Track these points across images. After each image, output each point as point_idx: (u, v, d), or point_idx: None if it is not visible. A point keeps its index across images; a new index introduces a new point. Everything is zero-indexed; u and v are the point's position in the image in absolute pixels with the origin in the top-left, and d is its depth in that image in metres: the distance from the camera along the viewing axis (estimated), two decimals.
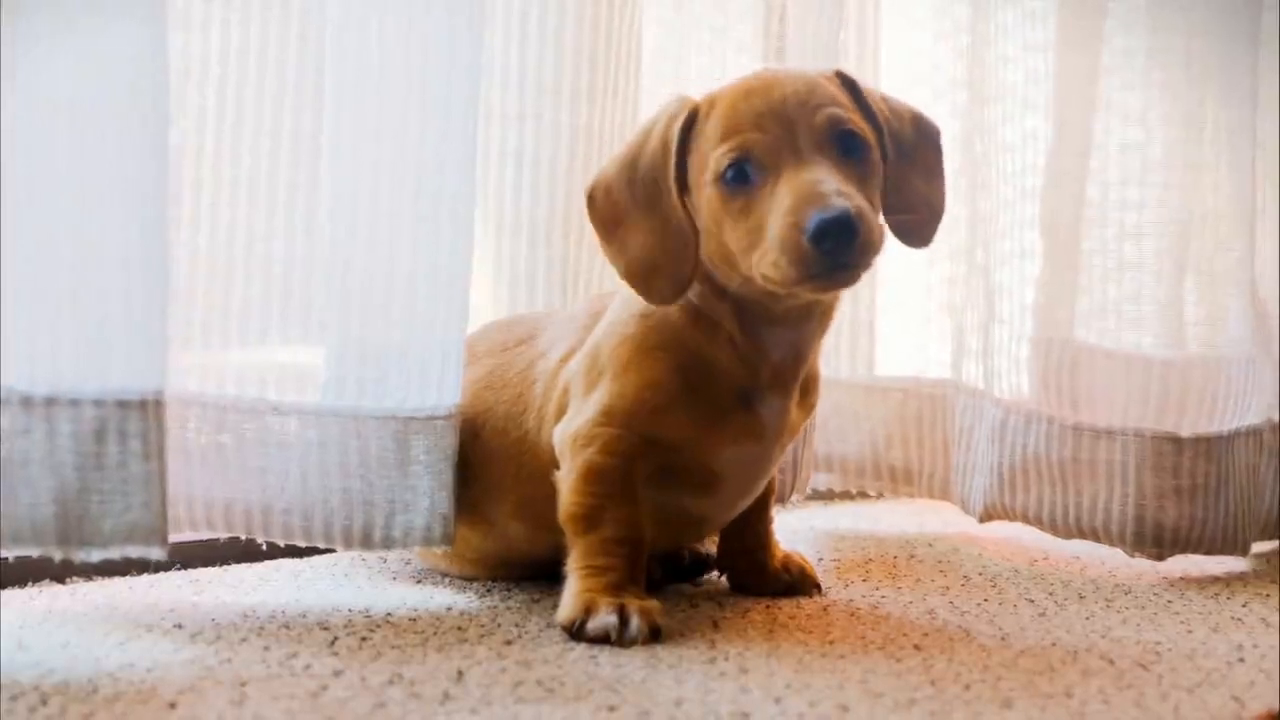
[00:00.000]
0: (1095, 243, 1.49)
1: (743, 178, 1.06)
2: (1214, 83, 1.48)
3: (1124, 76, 1.48)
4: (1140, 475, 1.42)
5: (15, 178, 0.99)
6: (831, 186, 1.02)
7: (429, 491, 1.18)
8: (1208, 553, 1.43)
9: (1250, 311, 1.50)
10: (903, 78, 1.64)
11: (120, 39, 1.01)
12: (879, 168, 1.11)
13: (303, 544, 1.19)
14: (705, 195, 1.09)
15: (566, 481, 1.13)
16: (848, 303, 1.62)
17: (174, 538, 1.27)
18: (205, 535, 1.24)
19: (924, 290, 1.66)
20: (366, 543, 1.18)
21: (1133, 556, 1.44)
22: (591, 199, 1.14)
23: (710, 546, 1.33)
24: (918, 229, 1.16)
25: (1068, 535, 1.46)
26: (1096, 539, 1.45)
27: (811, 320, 1.14)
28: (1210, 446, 1.43)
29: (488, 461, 1.20)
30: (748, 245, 1.06)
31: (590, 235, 1.40)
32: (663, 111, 1.13)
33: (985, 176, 1.53)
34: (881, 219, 1.11)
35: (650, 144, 1.12)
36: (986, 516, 1.51)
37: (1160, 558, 1.43)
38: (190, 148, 1.18)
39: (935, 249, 1.60)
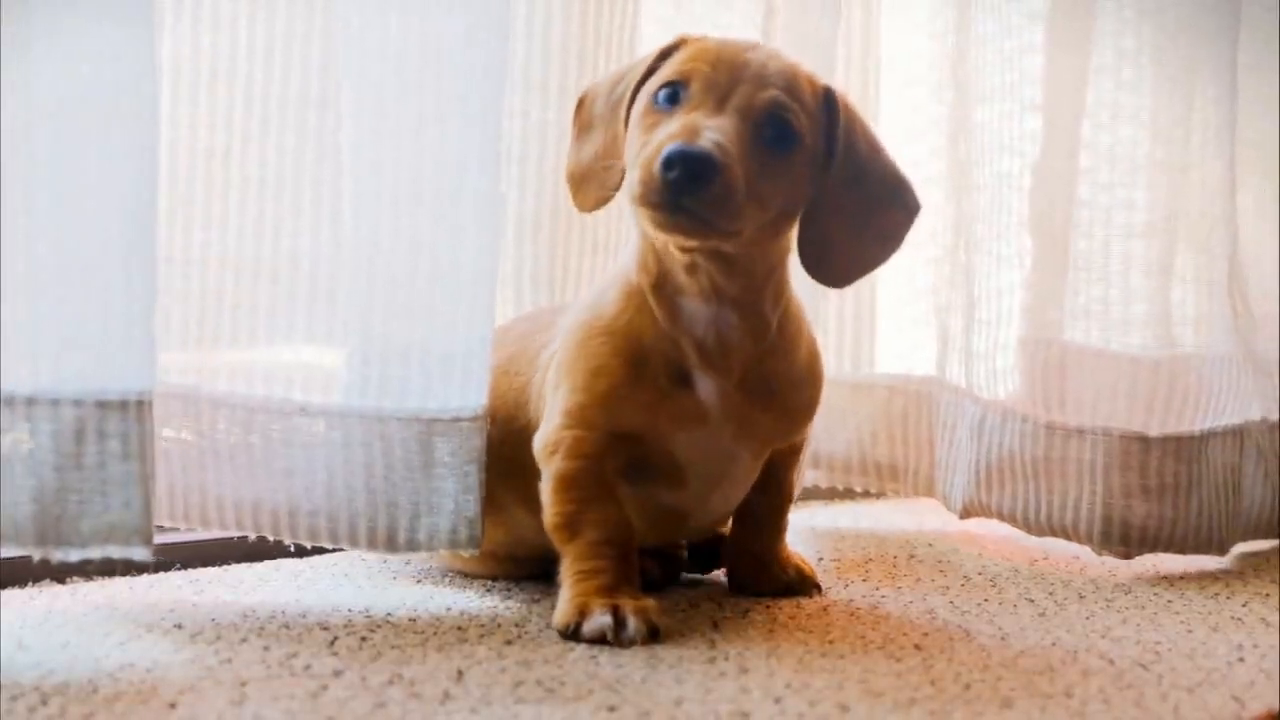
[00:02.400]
0: (1079, 242, 1.49)
1: (672, 100, 1.09)
2: (1198, 83, 1.48)
3: (1113, 77, 1.48)
4: (1108, 474, 1.42)
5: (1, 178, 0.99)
6: (712, 134, 1.03)
7: (453, 494, 1.17)
8: (1180, 552, 1.43)
9: (1229, 312, 1.51)
10: (902, 77, 1.64)
11: (107, 39, 1.00)
12: (798, 174, 1.10)
13: (329, 545, 1.19)
14: (638, 109, 1.11)
15: (545, 492, 1.14)
16: (835, 299, 1.62)
17: (178, 537, 1.29)
18: (224, 534, 1.24)
19: (913, 289, 1.66)
20: (391, 545, 1.18)
21: (1100, 555, 1.44)
22: (580, 103, 1.19)
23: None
24: (834, 269, 1.16)
25: (1040, 533, 1.46)
26: (1067, 537, 1.45)
27: (725, 307, 1.12)
28: (1180, 446, 1.43)
29: (500, 446, 1.20)
30: (634, 161, 1.07)
31: (579, 232, 1.41)
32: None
33: (973, 178, 1.53)
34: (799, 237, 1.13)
35: (636, 65, 1.16)
36: (966, 514, 1.51)
37: (1128, 556, 1.43)
38: (219, 148, 1.18)
39: (924, 251, 1.62)
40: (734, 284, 1.12)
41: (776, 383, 1.16)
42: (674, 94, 1.08)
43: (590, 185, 1.16)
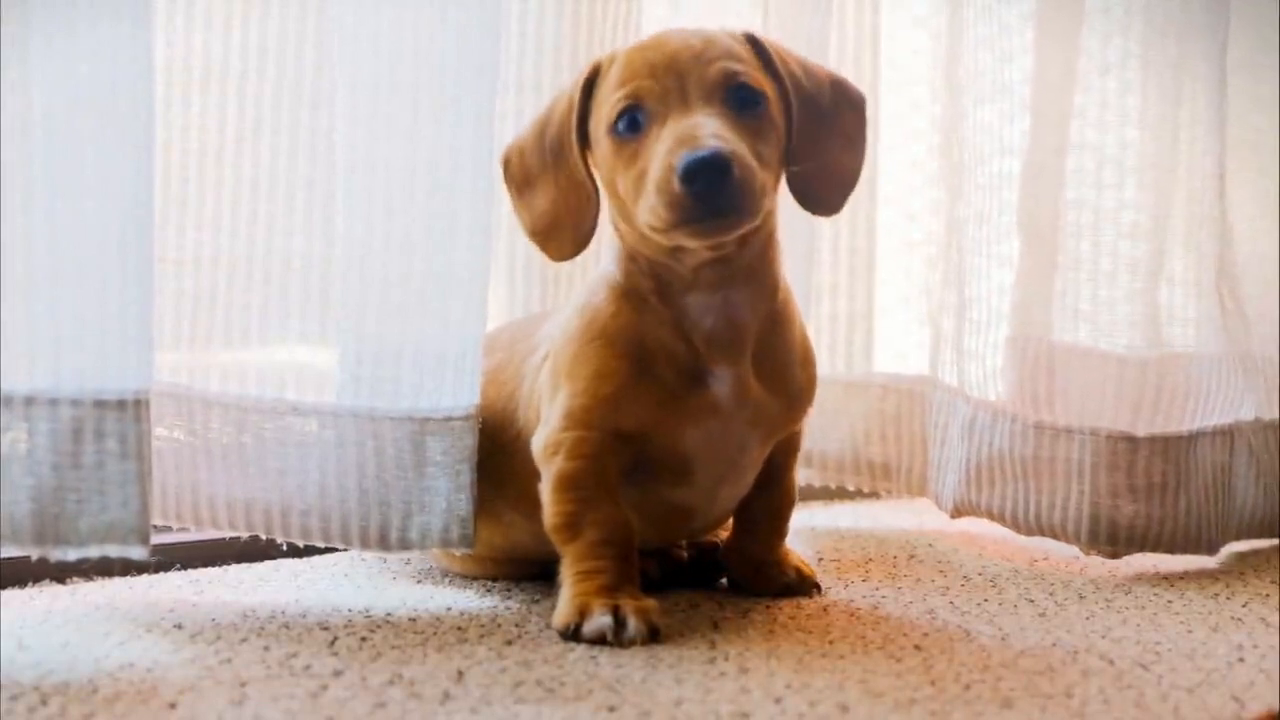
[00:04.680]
0: (1067, 242, 1.49)
1: (634, 126, 1.08)
2: (1187, 82, 1.48)
3: (1102, 77, 1.48)
4: (1095, 474, 1.42)
5: None
6: (708, 130, 1.04)
7: (446, 493, 1.18)
8: (1168, 551, 1.43)
9: (1218, 311, 1.51)
10: (904, 76, 1.64)
11: (104, 39, 1.01)
12: (776, 124, 1.11)
13: (321, 544, 1.20)
14: (601, 147, 1.10)
15: (544, 492, 1.14)
16: (828, 299, 1.62)
17: (178, 538, 1.29)
18: (221, 534, 1.24)
19: (912, 289, 1.66)
20: (384, 544, 1.18)
21: (1088, 555, 1.44)
22: (506, 162, 1.17)
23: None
24: (825, 194, 1.16)
25: (1029, 532, 1.46)
26: (1055, 536, 1.45)
27: (734, 285, 1.13)
28: (1167, 446, 1.43)
29: (493, 455, 1.21)
30: (635, 194, 1.07)
31: None
32: (575, 75, 1.16)
33: (969, 179, 1.52)
34: (784, 179, 1.14)
35: (559, 105, 1.15)
36: (957, 513, 1.51)
37: (1115, 556, 1.43)
38: (212, 147, 1.18)
39: (922, 250, 1.62)
40: (746, 255, 1.13)
41: (780, 360, 1.17)
42: (633, 120, 1.08)
43: (561, 235, 1.15)
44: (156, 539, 1.07)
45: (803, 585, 1.26)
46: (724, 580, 1.29)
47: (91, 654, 1.00)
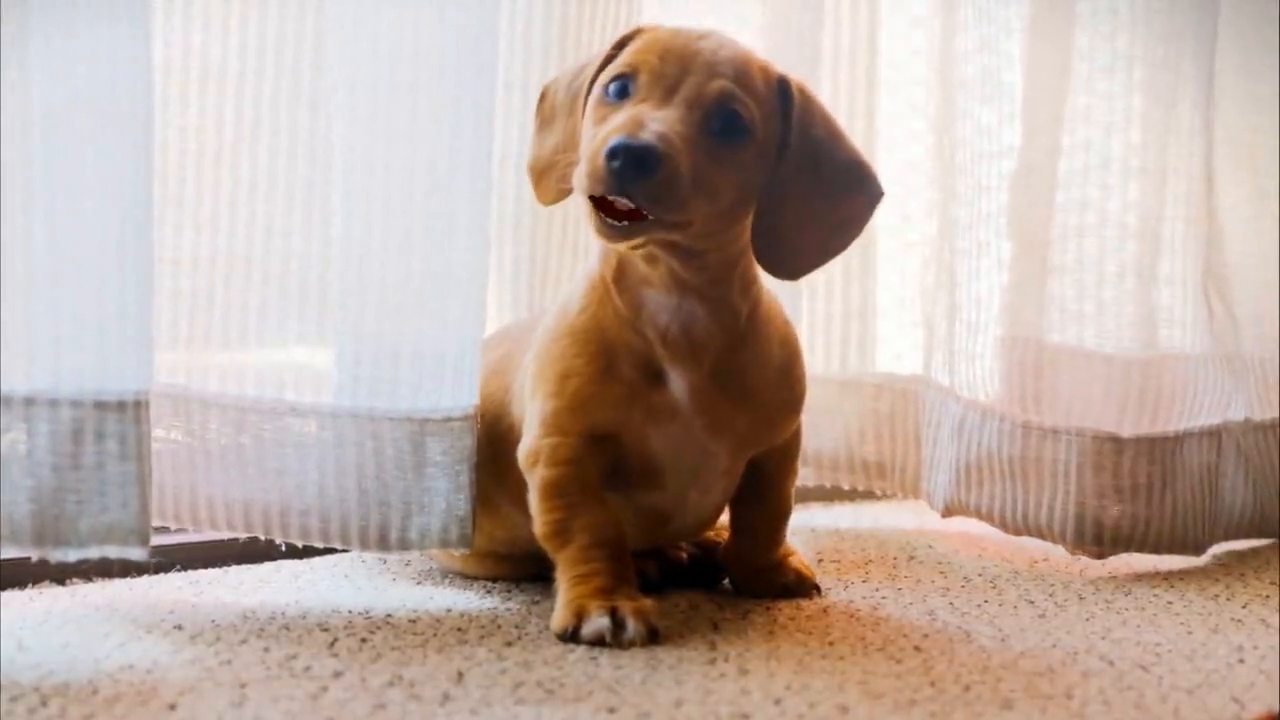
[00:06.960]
0: (1057, 243, 1.49)
1: (621, 93, 1.08)
2: (1179, 85, 1.48)
3: (1091, 81, 1.48)
4: (1081, 474, 1.42)
5: None
6: (656, 125, 1.03)
7: (445, 493, 1.18)
8: (1154, 551, 1.44)
9: (1205, 313, 1.51)
10: (903, 77, 1.64)
11: (104, 39, 1.01)
12: (750, 166, 1.09)
13: (320, 545, 1.20)
14: (590, 100, 1.11)
15: (532, 502, 1.14)
16: (823, 299, 1.62)
17: (178, 538, 1.29)
18: (222, 535, 1.24)
19: (913, 290, 1.66)
20: (383, 544, 1.18)
21: (1073, 555, 1.45)
22: (543, 95, 1.19)
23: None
24: (788, 260, 1.13)
25: (1016, 532, 1.47)
26: (1041, 536, 1.45)
27: (688, 296, 1.12)
28: (1153, 447, 1.44)
29: (492, 445, 1.21)
30: (585, 154, 1.06)
31: (559, 234, 1.42)
32: None
33: (963, 180, 1.52)
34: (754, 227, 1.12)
35: (594, 58, 1.15)
36: (947, 512, 1.51)
37: (1101, 556, 1.44)
38: (209, 148, 1.18)
39: (920, 251, 1.62)
40: (696, 275, 1.12)
41: (749, 379, 1.15)
42: (623, 87, 1.08)
43: (549, 178, 1.15)
44: (156, 540, 1.07)
45: (802, 587, 1.26)
46: (726, 581, 1.29)
47: (91, 655, 1.00)
